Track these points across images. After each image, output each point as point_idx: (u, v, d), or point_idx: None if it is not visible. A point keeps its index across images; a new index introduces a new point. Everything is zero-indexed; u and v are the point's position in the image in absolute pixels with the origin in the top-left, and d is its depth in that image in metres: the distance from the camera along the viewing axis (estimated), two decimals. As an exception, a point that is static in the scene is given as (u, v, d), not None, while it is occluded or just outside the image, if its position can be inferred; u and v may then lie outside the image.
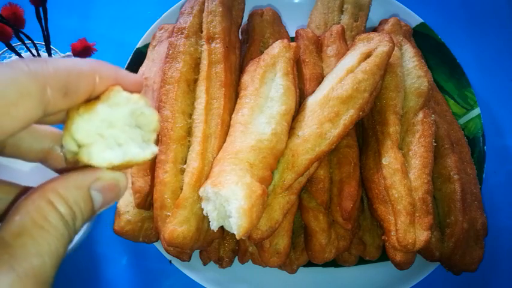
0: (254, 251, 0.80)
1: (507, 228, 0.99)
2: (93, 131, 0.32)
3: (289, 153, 0.71)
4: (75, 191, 0.31)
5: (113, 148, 0.33)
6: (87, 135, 0.32)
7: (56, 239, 0.29)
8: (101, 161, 0.32)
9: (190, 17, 0.80)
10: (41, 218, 0.29)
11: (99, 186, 0.33)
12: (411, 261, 0.76)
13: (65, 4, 1.14)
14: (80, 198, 0.31)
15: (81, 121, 0.32)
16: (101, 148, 0.32)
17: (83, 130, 0.32)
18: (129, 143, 0.34)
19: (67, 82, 0.30)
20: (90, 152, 0.32)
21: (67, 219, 0.30)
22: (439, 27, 1.02)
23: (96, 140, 0.32)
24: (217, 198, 0.60)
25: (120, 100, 0.34)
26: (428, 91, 0.81)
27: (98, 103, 0.33)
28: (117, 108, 0.34)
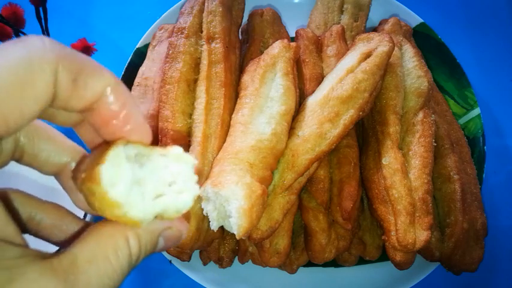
0: (254, 251, 0.80)
1: (507, 228, 0.99)
2: (129, 173, 0.31)
3: (289, 153, 0.71)
4: (149, 234, 0.32)
5: (179, 191, 0.33)
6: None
7: (117, 275, 0.29)
8: (188, 204, 0.34)
9: (190, 17, 0.80)
10: (113, 254, 0.29)
11: (168, 234, 0.35)
12: (411, 261, 0.76)
13: (65, 4, 1.14)
14: (149, 242, 0.33)
15: (106, 169, 0.29)
16: (175, 199, 0.33)
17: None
18: (177, 179, 0.34)
19: (80, 67, 0.29)
20: (176, 209, 0.33)
21: (133, 258, 0.31)
22: (439, 27, 1.02)
23: (162, 202, 0.32)
24: (217, 198, 0.60)
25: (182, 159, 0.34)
26: (428, 91, 0.80)
27: (114, 168, 0.30)
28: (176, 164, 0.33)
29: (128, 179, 0.30)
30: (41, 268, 0.25)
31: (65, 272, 0.26)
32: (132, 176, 0.31)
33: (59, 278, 0.26)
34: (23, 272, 0.25)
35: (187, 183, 0.34)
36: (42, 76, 0.26)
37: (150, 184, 0.32)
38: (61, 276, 0.26)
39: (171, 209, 0.33)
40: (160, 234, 0.34)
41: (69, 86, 0.28)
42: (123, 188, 0.30)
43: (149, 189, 0.32)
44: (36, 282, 0.25)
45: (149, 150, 0.33)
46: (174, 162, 0.33)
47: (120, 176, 0.29)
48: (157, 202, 0.32)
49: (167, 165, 0.33)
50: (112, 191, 0.29)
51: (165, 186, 0.33)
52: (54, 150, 0.36)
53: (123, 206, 0.30)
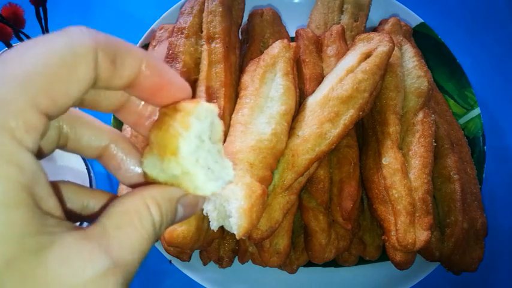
0: (254, 251, 0.80)
1: (507, 228, 0.99)
2: (194, 153, 0.34)
3: (289, 153, 0.71)
4: (167, 202, 0.34)
5: (212, 178, 0.35)
6: (191, 163, 0.34)
7: (145, 241, 0.31)
8: (206, 191, 0.35)
9: (190, 17, 0.80)
10: (138, 220, 0.31)
11: (185, 201, 0.37)
12: (411, 261, 0.76)
13: (65, 4, 1.14)
14: (169, 209, 0.35)
15: (185, 141, 0.33)
16: (204, 180, 0.35)
17: (188, 152, 0.33)
18: (215, 167, 0.36)
19: (116, 49, 0.32)
20: (197, 185, 0.35)
21: (156, 225, 0.33)
22: (439, 27, 1.02)
23: (200, 171, 0.34)
24: (217, 198, 0.60)
25: (202, 113, 0.34)
26: (428, 91, 0.81)
27: (188, 117, 0.34)
28: (203, 122, 0.34)
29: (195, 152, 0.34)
30: (76, 235, 0.28)
31: (97, 237, 0.29)
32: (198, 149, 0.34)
33: (92, 242, 0.28)
34: (61, 237, 0.27)
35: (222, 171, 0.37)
36: (84, 60, 0.29)
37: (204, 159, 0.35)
38: (94, 241, 0.28)
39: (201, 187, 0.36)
40: (178, 201, 0.36)
41: (109, 67, 0.31)
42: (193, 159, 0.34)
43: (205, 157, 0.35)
44: (73, 245, 0.27)
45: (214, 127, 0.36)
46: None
47: (193, 149, 0.34)
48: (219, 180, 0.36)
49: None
50: (186, 162, 0.33)
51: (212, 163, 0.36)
52: (94, 134, 0.38)
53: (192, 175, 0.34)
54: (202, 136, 0.34)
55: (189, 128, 0.33)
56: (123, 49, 0.33)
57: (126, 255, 0.29)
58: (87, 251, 0.27)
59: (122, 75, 0.33)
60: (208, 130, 0.35)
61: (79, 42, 0.30)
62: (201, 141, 0.34)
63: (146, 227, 0.32)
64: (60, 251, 0.26)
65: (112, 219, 0.31)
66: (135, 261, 0.30)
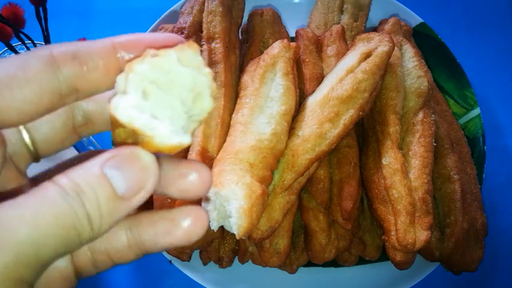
0: (254, 251, 0.80)
1: (507, 228, 0.99)
2: (151, 78, 0.28)
3: (289, 153, 0.71)
4: (82, 170, 0.27)
5: (177, 131, 0.29)
6: (141, 79, 0.28)
7: (45, 206, 0.24)
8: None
9: (190, 17, 0.80)
10: (36, 191, 0.25)
11: (114, 163, 0.27)
12: (411, 261, 0.76)
13: (65, 4, 1.14)
14: (87, 175, 0.27)
15: (147, 62, 0.28)
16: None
17: (144, 72, 0.28)
18: (167, 119, 0.29)
19: (75, 48, 0.29)
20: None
21: (66, 190, 0.25)
22: (439, 27, 1.02)
23: (158, 125, 0.28)
24: (217, 198, 0.60)
25: (192, 61, 0.29)
26: (428, 91, 0.81)
27: (170, 50, 0.29)
28: (184, 68, 0.29)
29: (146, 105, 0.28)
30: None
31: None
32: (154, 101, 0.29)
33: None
34: None
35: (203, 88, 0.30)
36: (32, 64, 0.28)
37: (174, 99, 0.29)
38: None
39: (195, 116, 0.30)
40: (102, 166, 0.28)
41: (72, 62, 0.29)
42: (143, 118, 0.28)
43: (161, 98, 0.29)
44: None
45: (168, 61, 0.29)
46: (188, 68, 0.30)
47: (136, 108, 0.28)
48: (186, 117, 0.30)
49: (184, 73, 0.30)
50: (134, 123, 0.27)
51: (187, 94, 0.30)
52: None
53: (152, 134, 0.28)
54: (175, 84, 0.29)
55: (162, 55, 0.29)
56: (84, 44, 0.30)
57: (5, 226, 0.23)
58: None
59: (96, 66, 0.30)
60: (187, 92, 0.30)
61: (32, 60, 0.28)
62: (170, 85, 0.29)
63: (47, 194, 0.25)
64: None
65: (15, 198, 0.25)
66: (23, 233, 0.23)
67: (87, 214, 0.26)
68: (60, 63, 0.29)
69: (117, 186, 0.27)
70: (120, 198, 0.27)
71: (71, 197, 0.25)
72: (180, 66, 0.29)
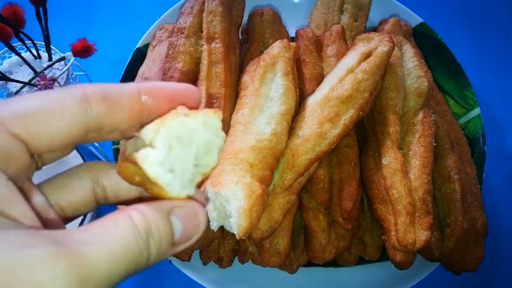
0: (254, 251, 0.80)
1: (507, 228, 0.99)
2: (178, 134, 0.32)
3: (289, 153, 0.71)
4: (154, 212, 0.30)
5: (167, 170, 0.32)
6: (169, 134, 0.31)
7: (119, 244, 0.27)
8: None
9: (190, 17, 0.80)
10: (111, 224, 0.28)
11: (179, 213, 0.32)
12: (411, 261, 0.76)
13: (65, 4, 1.14)
14: (158, 218, 0.30)
15: (179, 120, 0.31)
16: (156, 159, 0.31)
17: (174, 128, 0.31)
18: (179, 174, 0.32)
19: (105, 89, 0.32)
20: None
21: (139, 230, 0.28)
22: (439, 27, 1.02)
23: (160, 149, 0.31)
24: (217, 198, 0.60)
25: (213, 124, 0.33)
26: (428, 91, 0.81)
27: (199, 113, 0.32)
28: (206, 132, 0.33)
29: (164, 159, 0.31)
30: (27, 230, 0.25)
31: (54, 236, 0.25)
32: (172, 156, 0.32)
33: (42, 236, 0.25)
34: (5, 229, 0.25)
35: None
36: (67, 100, 0.30)
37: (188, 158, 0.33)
38: (47, 237, 0.25)
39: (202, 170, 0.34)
40: (170, 212, 0.32)
41: (102, 102, 0.32)
42: (160, 168, 0.31)
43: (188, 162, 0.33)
44: (12, 233, 0.24)
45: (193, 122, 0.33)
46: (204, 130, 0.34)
47: (159, 160, 0.31)
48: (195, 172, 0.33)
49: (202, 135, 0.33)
50: (151, 171, 0.30)
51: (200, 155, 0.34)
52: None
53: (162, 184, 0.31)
54: (192, 143, 0.33)
55: (190, 116, 0.32)
56: (114, 87, 0.33)
57: (84, 249, 0.25)
58: (27, 236, 0.24)
59: (123, 107, 0.33)
60: (201, 149, 0.33)
61: (66, 95, 0.31)
62: (188, 145, 0.33)
63: (121, 230, 0.28)
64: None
65: (84, 227, 0.27)
66: (101, 271, 0.26)
67: (149, 253, 0.29)
68: (92, 102, 0.31)
69: (176, 231, 0.32)
70: (174, 244, 0.32)
71: (142, 237, 0.28)
72: (203, 129, 0.33)
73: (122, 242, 0.27)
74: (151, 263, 0.30)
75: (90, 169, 0.38)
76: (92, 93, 0.31)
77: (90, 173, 0.38)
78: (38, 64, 0.88)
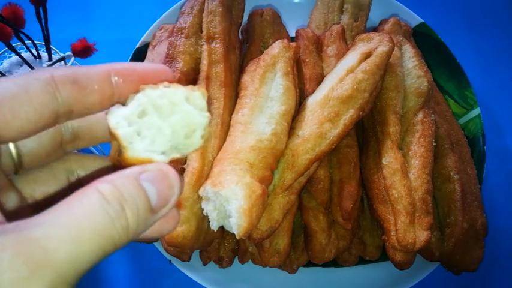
0: (254, 251, 0.80)
1: (507, 228, 0.99)
2: (157, 103, 0.32)
3: (289, 153, 0.71)
4: (123, 178, 0.29)
5: (131, 125, 0.32)
6: (140, 101, 0.32)
7: (84, 220, 0.25)
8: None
9: (190, 17, 0.80)
10: (77, 201, 0.26)
11: (148, 176, 0.30)
12: (411, 261, 0.76)
13: (65, 4, 1.14)
14: (129, 183, 0.28)
15: (160, 90, 0.32)
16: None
17: (152, 96, 0.31)
18: (149, 139, 0.32)
19: (74, 73, 0.32)
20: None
21: (109, 199, 0.26)
22: (439, 27, 1.02)
23: (129, 107, 0.32)
24: (217, 198, 0.60)
25: (197, 102, 0.33)
26: (428, 91, 0.80)
27: (182, 87, 0.33)
28: (188, 105, 0.33)
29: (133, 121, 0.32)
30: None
31: (15, 229, 0.23)
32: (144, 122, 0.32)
33: (8, 235, 0.23)
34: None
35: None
36: (35, 86, 0.30)
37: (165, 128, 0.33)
38: (12, 243, 0.23)
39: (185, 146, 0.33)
40: (138, 178, 0.29)
41: (71, 87, 0.31)
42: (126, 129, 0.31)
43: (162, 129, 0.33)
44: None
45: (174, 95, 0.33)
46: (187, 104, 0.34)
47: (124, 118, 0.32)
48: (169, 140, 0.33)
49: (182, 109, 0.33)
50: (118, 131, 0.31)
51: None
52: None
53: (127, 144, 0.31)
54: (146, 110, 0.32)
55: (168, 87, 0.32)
56: (82, 69, 0.33)
57: (38, 231, 0.23)
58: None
59: (93, 90, 0.32)
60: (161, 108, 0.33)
61: (33, 81, 0.30)
62: (143, 114, 0.32)
63: (87, 205, 0.25)
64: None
65: (48, 210, 0.25)
66: (63, 253, 0.23)
67: (126, 225, 0.27)
68: (60, 87, 0.31)
69: (151, 196, 0.29)
70: (152, 210, 0.29)
71: (113, 207, 0.26)
72: (185, 103, 0.33)
73: (88, 218, 0.25)
74: (133, 233, 0.28)
75: (64, 160, 0.38)
76: (60, 77, 0.31)
77: (65, 164, 0.37)
78: (38, 64, 0.88)
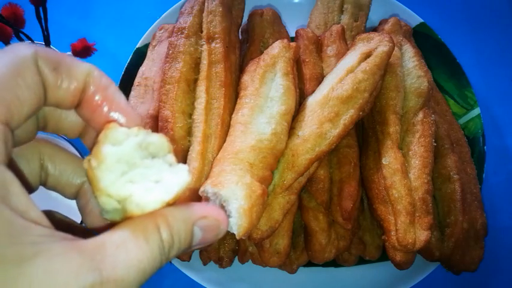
0: (254, 251, 0.80)
1: (507, 228, 0.99)
2: (120, 178, 0.31)
3: (289, 153, 0.71)
4: (181, 223, 0.32)
5: (154, 187, 0.32)
6: (120, 187, 0.31)
7: (147, 260, 0.29)
8: (154, 204, 0.32)
9: (190, 17, 0.80)
10: (143, 238, 0.29)
11: (203, 224, 0.34)
12: (411, 261, 0.76)
13: (65, 4, 1.14)
14: (182, 231, 0.32)
15: (103, 173, 0.31)
16: (143, 194, 0.32)
17: (111, 182, 0.31)
18: (162, 176, 0.33)
19: (57, 59, 0.32)
20: (137, 203, 0.31)
21: (164, 245, 0.31)
22: (439, 27, 1.02)
23: (134, 189, 0.31)
24: (217, 198, 0.60)
25: (119, 136, 0.32)
26: (428, 91, 0.81)
27: (100, 146, 0.32)
28: (121, 145, 0.32)
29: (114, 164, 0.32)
30: (67, 246, 0.26)
31: (91, 251, 0.27)
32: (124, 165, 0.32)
33: (84, 255, 0.26)
34: (48, 247, 0.25)
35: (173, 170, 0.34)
36: (28, 66, 0.30)
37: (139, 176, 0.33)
38: (87, 254, 0.26)
39: (176, 189, 0.33)
40: (195, 223, 0.33)
41: (51, 73, 0.31)
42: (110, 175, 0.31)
43: (142, 173, 0.33)
44: (60, 256, 0.25)
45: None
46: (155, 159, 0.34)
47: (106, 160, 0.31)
48: (163, 185, 0.33)
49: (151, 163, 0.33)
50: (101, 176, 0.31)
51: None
52: (74, 171, 0.38)
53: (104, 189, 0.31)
54: (130, 159, 0.32)
55: (103, 159, 0.31)
56: (66, 60, 0.32)
57: (119, 272, 0.27)
58: (75, 264, 0.25)
59: (69, 86, 0.32)
60: (140, 150, 0.33)
61: (20, 52, 0.30)
62: (131, 164, 0.32)
63: (151, 246, 0.30)
64: (45, 262, 0.25)
65: (114, 235, 0.29)
66: (130, 279, 0.28)
67: (167, 257, 0.32)
68: (41, 69, 0.31)
69: (195, 240, 0.34)
70: (192, 245, 0.34)
71: (165, 253, 0.31)
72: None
73: (151, 262, 0.29)
74: (166, 262, 0.32)
75: (34, 145, 0.37)
76: (44, 58, 0.31)
77: (35, 149, 0.37)
78: (38, 64, 0.88)
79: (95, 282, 0.26)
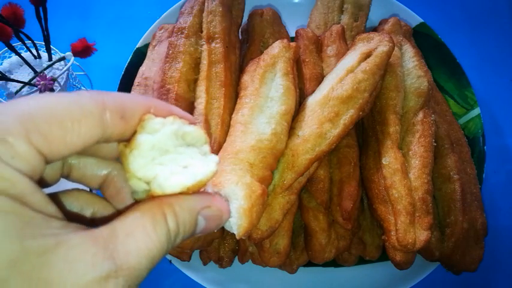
0: (254, 251, 0.80)
1: (507, 228, 0.99)
2: (151, 162, 0.33)
3: (289, 153, 0.71)
4: (186, 212, 0.34)
5: (180, 172, 0.34)
6: (148, 169, 0.33)
7: (156, 248, 0.31)
8: (174, 187, 0.33)
9: (190, 17, 0.80)
10: (151, 227, 0.31)
11: (207, 214, 0.36)
12: (411, 261, 0.76)
13: (65, 4, 1.14)
14: (187, 220, 0.34)
15: (135, 158, 0.33)
16: (167, 176, 0.33)
17: (141, 165, 0.33)
18: (191, 162, 0.35)
19: (123, 106, 0.33)
20: (160, 183, 0.33)
21: (171, 234, 0.33)
22: (439, 27, 1.02)
23: (159, 171, 0.33)
24: (217, 198, 0.60)
25: (155, 126, 0.34)
26: (428, 91, 0.81)
27: (136, 136, 0.34)
28: (156, 134, 0.34)
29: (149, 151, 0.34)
30: (82, 236, 0.28)
31: (104, 240, 0.29)
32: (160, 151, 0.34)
33: (98, 245, 0.28)
34: (66, 238, 0.28)
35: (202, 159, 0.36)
36: (90, 118, 0.31)
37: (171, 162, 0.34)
38: (101, 244, 0.28)
39: (200, 177, 0.35)
40: (199, 212, 0.35)
41: (118, 122, 0.33)
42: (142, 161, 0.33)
43: (173, 158, 0.34)
44: (78, 247, 0.27)
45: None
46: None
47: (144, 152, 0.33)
48: (188, 171, 0.34)
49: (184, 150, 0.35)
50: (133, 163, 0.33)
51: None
52: (98, 162, 0.39)
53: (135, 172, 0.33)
54: (164, 146, 0.34)
55: (137, 146, 0.33)
56: (130, 101, 0.34)
57: (132, 260, 0.29)
58: (91, 253, 0.28)
59: (134, 124, 0.34)
60: (175, 139, 0.35)
61: (87, 101, 0.31)
62: (164, 151, 0.34)
63: (159, 235, 0.31)
64: (65, 252, 0.27)
65: (124, 224, 0.31)
66: (142, 267, 0.30)
67: (173, 244, 0.34)
68: (109, 118, 0.32)
69: (198, 229, 0.36)
70: (194, 234, 0.36)
71: (171, 241, 0.33)
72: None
73: (159, 250, 0.31)
74: (171, 249, 0.34)
75: None
76: (112, 108, 0.32)
77: None
78: (38, 64, 0.88)
79: (111, 271, 0.28)
